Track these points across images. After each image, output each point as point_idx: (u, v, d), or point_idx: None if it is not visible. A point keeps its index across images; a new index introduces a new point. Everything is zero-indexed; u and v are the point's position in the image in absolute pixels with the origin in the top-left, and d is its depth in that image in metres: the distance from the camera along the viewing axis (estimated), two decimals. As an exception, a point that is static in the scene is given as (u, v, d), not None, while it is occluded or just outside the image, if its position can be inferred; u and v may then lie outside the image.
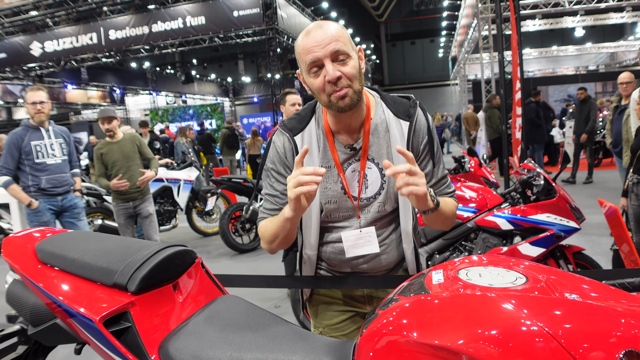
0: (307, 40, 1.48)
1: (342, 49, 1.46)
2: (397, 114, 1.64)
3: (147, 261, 1.12)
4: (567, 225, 3.53)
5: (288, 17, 16.64)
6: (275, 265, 6.08)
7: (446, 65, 37.64)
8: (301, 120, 1.68)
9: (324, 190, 1.66)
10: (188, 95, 33.06)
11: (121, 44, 16.67)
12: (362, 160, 1.63)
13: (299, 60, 1.53)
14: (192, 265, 1.26)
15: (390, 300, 1.11)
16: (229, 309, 1.21)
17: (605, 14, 19.83)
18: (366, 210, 1.68)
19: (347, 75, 1.48)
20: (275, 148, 1.67)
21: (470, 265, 1.13)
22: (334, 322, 1.88)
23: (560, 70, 30.03)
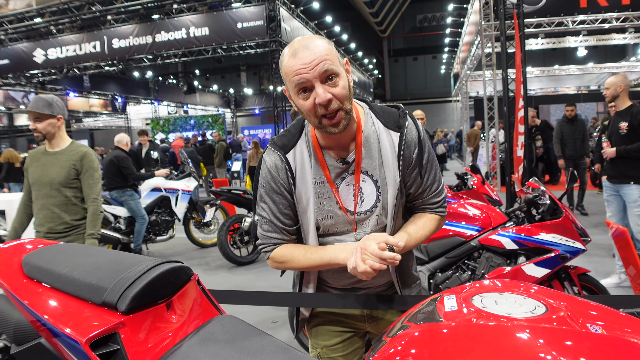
0: (294, 61, 1.42)
1: (331, 69, 1.42)
2: (387, 124, 1.61)
3: (139, 278, 1.05)
4: (573, 246, 3.45)
5: (292, 30, 16.68)
6: (273, 278, 6.00)
7: (448, 81, 37.70)
8: (291, 137, 1.65)
9: (320, 206, 1.63)
10: (190, 105, 33.10)
11: (124, 53, 16.69)
12: (356, 174, 1.60)
13: (285, 79, 1.48)
14: (188, 283, 1.19)
15: (399, 326, 1.03)
16: (225, 330, 1.13)
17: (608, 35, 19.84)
18: (364, 224, 1.65)
19: (338, 97, 1.44)
20: (267, 167, 1.63)
21: (485, 291, 1.06)
22: (332, 342, 1.83)
23: (562, 90, 30.05)
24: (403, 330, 0.99)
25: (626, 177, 4.97)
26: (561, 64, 29.73)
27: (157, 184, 7.59)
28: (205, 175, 14.64)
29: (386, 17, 39.21)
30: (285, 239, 1.68)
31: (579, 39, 19.51)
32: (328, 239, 1.68)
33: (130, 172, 7.01)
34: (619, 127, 5.01)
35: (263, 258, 7.08)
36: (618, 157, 5.00)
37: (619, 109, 5.09)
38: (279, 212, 1.64)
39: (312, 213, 1.62)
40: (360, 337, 1.87)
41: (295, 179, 1.61)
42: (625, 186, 5.00)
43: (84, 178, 3.33)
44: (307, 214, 1.63)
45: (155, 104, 31.66)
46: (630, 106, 5.04)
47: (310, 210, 1.62)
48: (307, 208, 1.62)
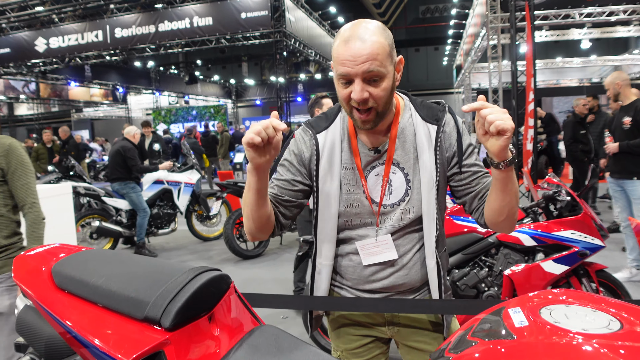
0: (343, 49, 1.37)
1: (376, 70, 1.37)
2: (425, 117, 1.57)
3: (182, 290, 0.97)
4: (592, 243, 3.39)
5: (296, 20, 16.56)
6: (280, 272, 5.94)
7: (450, 73, 37.55)
8: (327, 119, 1.63)
9: (347, 192, 1.58)
10: (191, 95, 32.99)
11: (127, 43, 16.57)
12: (386, 165, 1.56)
13: (333, 60, 1.44)
14: (227, 292, 1.12)
15: (463, 341, 0.96)
16: (269, 342, 1.06)
17: (612, 27, 19.75)
18: (388, 218, 1.59)
19: (375, 98, 1.41)
20: (296, 142, 1.62)
21: (551, 303, 0.99)
22: (353, 346, 1.76)
23: (564, 82, 29.95)
24: (471, 346, 0.92)
25: (629, 172, 4.93)
26: (564, 56, 29.57)
27: (159, 177, 7.51)
28: (208, 166, 14.55)
29: (389, 8, 38.99)
30: (276, 196, 1.59)
31: (584, 31, 19.42)
32: (349, 232, 1.62)
33: (135, 164, 6.93)
34: (622, 122, 4.96)
35: (269, 252, 7.06)
36: (621, 152, 4.94)
37: (624, 104, 5.05)
38: (290, 179, 1.59)
39: (337, 199, 1.57)
40: (383, 343, 1.79)
41: (320, 160, 1.57)
42: (628, 182, 4.96)
43: (13, 179, 2.46)
44: (330, 199, 1.57)
45: (156, 94, 31.52)
46: (635, 101, 4.98)
47: (334, 196, 1.57)
48: (330, 193, 1.57)
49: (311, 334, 1.77)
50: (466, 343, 0.95)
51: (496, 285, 3.49)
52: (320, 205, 1.60)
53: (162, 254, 7.39)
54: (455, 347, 0.97)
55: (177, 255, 7.30)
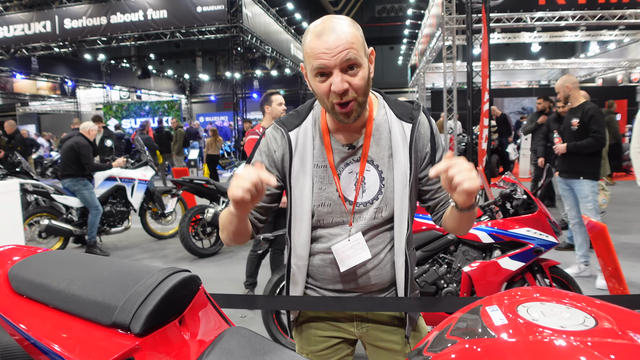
0: (317, 42, 1.35)
1: (354, 58, 1.36)
2: (400, 115, 1.56)
3: (152, 293, 0.92)
4: (547, 240, 3.49)
5: (253, 15, 16.40)
6: (236, 271, 5.86)
7: (405, 72, 38.02)
8: (298, 116, 1.60)
9: (319, 191, 1.55)
10: (143, 90, 32.23)
11: (76, 34, 16.03)
12: (361, 163, 1.54)
13: (305, 58, 1.42)
14: (197, 293, 1.07)
15: (442, 340, 0.95)
16: (241, 344, 1.02)
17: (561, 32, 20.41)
18: (361, 217, 1.57)
19: (355, 88, 1.39)
20: (266, 141, 1.59)
21: (527, 301, 0.99)
22: (318, 348, 1.73)
23: (515, 84, 30.81)
24: (451, 345, 0.91)
25: (576, 172, 5.09)
26: (514, 58, 30.42)
27: (112, 173, 7.28)
28: (162, 163, 14.24)
29: (345, 6, 39.16)
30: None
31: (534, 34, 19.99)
32: (321, 231, 1.60)
33: (88, 162, 6.71)
34: (570, 124, 5.12)
35: (225, 250, 6.95)
36: (569, 152, 5.09)
37: (573, 106, 5.20)
38: None
39: (309, 198, 1.54)
40: (350, 344, 1.77)
41: (292, 158, 1.54)
42: (575, 181, 5.12)
43: None
44: (303, 198, 1.55)
45: (107, 89, 30.64)
46: (583, 103, 5.15)
47: (307, 194, 1.54)
48: (303, 192, 1.55)
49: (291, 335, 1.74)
50: (445, 342, 0.94)
51: (455, 282, 3.54)
52: (293, 205, 1.58)
53: (115, 252, 7.18)
54: (433, 346, 0.96)
55: (130, 254, 7.11)
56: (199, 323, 1.05)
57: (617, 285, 3.45)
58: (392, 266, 1.62)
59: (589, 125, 4.99)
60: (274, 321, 3.66)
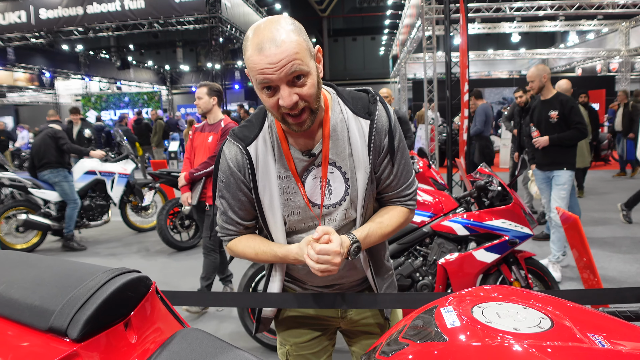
0: (259, 57, 1.27)
1: (300, 69, 1.28)
2: (356, 111, 1.51)
3: (93, 296, 0.88)
4: (522, 232, 3.50)
5: (232, 6, 16.23)
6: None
7: (386, 63, 38.02)
8: (252, 128, 1.52)
9: (286, 201, 1.54)
10: (123, 81, 31.78)
11: (52, 24, 15.74)
12: (323, 166, 1.51)
13: (248, 70, 1.34)
14: (147, 294, 1.03)
15: (394, 343, 0.93)
16: (192, 347, 0.99)
17: (540, 22, 20.55)
18: (331, 219, 1.56)
19: (305, 97, 1.33)
20: (227, 161, 1.52)
21: (483, 301, 0.97)
22: (303, 339, 1.76)
23: (495, 74, 30.97)
24: (401, 349, 0.89)
25: (558, 163, 5.08)
26: (495, 48, 30.58)
27: (92, 167, 7.17)
28: (141, 155, 14.08)
29: (326, -4, 38.96)
30: (243, 232, 1.63)
31: (514, 25, 20.10)
32: (295, 237, 1.59)
33: (65, 142, 6.63)
34: (549, 116, 5.06)
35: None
36: (550, 145, 5.05)
37: (545, 97, 5.15)
38: (237, 207, 1.57)
39: (279, 209, 1.53)
40: (331, 334, 1.82)
41: (256, 174, 1.50)
42: (555, 172, 5.11)
43: None
44: (273, 210, 1.53)
45: (86, 80, 30.15)
46: (556, 94, 5.13)
47: (276, 206, 1.53)
48: (272, 204, 1.53)
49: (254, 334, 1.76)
50: (398, 345, 0.92)
51: (430, 275, 3.54)
52: (266, 214, 1.55)
53: (95, 246, 7.10)
54: (385, 348, 0.94)
55: (110, 247, 7.02)
56: (148, 326, 1.01)
57: (592, 277, 3.47)
58: (361, 263, 1.66)
59: (569, 116, 4.97)
60: (249, 315, 3.63)
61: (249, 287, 3.61)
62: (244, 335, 3.72)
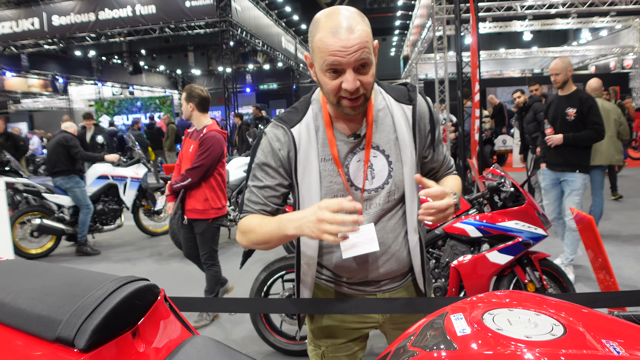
0: (333, 39, 1.34)
1: (367, 58, 1.37)
2: (398, 99, 1.60)
3: (100, 306, 0.88)
4: (535, 233, 3.46)
5: (242, 9, 16.29)
6: (229, 267, 5.81)
7: (397, 64, 37.96)
8: (297, 113, 1.59)
9: (329, 184, 1.56)
10: (135, 86, 32.05)
11: (65, 31, 15.92)
12: (366, 150, 1.55)
13: (314, 51, 1.40)
14: (155, 302, 1.03)
15: (404, 352, 0.91)
16: (200, 356, 0.99)
17: (552, 20, 20.39)
18: (373, 204, 1.58)
19: (365, 85, 1.41)
20: (268, 140, 1.57)
21: (494, 307, 0.95)
22: (341, 340, 1.72)
23: (507, 73, 30.79)
24: (410, 357, 0.87)
25: (572, 165, 4.81)
26: (507, 47, 30.40)
27: (104, 172, 7.23)
28: (154, 159, 14.17)
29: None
30: (263, 211, 1.59)
31: (525, 23, 19.97)
32: None
33: (78, 151, 6.66)
34: (566, 113, 4.78)
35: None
36: (563, 144, 4.78)
37: (564, 92, 4.87)
38: (274, 185, 1.58)
39: (318, 193, 1.54)
40: (364, 338, 1.79)
41: (297, 154, 1.54)
42: (569, 174, 4.87)
43: None
44: (312, 194, 1.55)
45: (98, 85, 30.45)
46: (576, 91, 4.85)
47: (315, 189, 1.54)
48: (311, 187, 1.55)
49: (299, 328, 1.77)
50: (407, 353, 0.90)
51: (443, 277, 3.51)
52: (301, 201, 1.57)
53: (108, 250, 7.15)
54: (395, 357, 0.92)
55: (123, 251, 7.07)
56: (156, 334, 1.01)
57: (607, 277, 3.43)
58: (407, 251, 1.65)
59: (587, 116, 4.69)
60: (262, 319, 3.63)
61: (260, 291, 3.61)
62: (256, 339, 3.71)
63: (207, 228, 4.20)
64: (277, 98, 33.46)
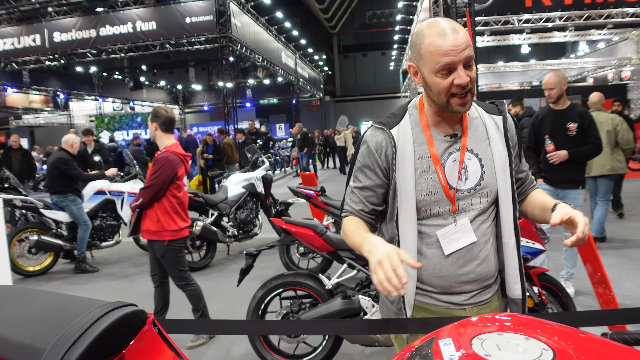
0: (443, 41, 1.48)
1: (472, 55, 1.51)
2: (489, 111, 1.72)
3: (85, 334, 0.87)
4: (533, 247, 3.44)
5: (242, 25, 16.40)
6: (228, 284, 5.79)
7: (397, 77, 38.14)
8: (395, 117, 1.72)
9: (425, 181, 1.63)
10: (136, 102, 32.17)
11: (66, 47, 16.03)
12: (461, 152, 1.64)
13: (425, 56, 1.53)
14: (142, 328, 1.02)
15: (391, 379, 0.90)
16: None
17: (550, 33, 20.51)
18: (466, 204, 1.64)
19: (472, 80, 1.52)
20: (367, 144, 1.69)
21: (483, 332, 0.94)
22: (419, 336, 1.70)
23: (506, 86, 30.92)
24: (398, 385, 0.86)
25: (575, 181, 4.74)
26: (505, 60, 30.55)
27: (102, 187, 7.23)
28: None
29: (336, 14, 39.28)
30: (362, 211, 1.71)
31: (523, 36, 20.08)
32: (427, 221, 1.64)
33: (77, 174, 6.64)
34: (567, 128, 4.68)
35: (215, 263, 6.88)
36: (568, 160, 4.66)
37: (559, 107, 4.77)
38: (371, 186, 1.69)
39: (413, 190, 1.61)
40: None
41: (396, 152, 1.63)
42: (572, 191, 4.77)
43: None
44: (407, 192, 1.62)
45: (99, 100, 30.57)
46: (573, 105, 4.78)
47: (411, 186, 1.62)
48: (406, 184, 1.62)
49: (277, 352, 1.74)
50: (395, 380, 0.89)
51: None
52: (399, 196, 1.64)
53: (107, 267, 7.12)
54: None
55: (122, 267, 7.04)
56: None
57: (606, 292, 3.42)
58: (495, 257, 1.69)
59: (588, 130, 4.63)
60: (260, 338, 3.60)
61: (258, 310, 3.59)
62: (254, 357, 3.69)
63: (165, 251, 4.13)
64: (277, 113, 33.57)
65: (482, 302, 1.70)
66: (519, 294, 1.70)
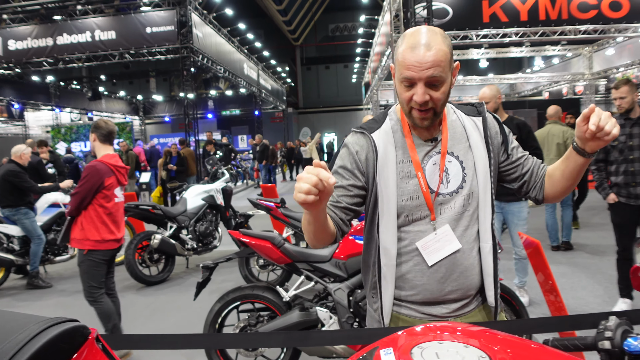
0: (410, 55, 1.49)
1: (438, 76, 1.49)
2: (468, 113, 1.73)
3: (20, 351, 0.85)
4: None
5: (204, 36, 16.31)
6: (186, 298, 5.71)
7: (359, 90, 38.49)
8: (376, 122, 1.73)
9: (406, 185, 1.62)
10: (95, 112, 31.47)
11: (22, 56, 15.62)
12: (442, 155, 1.64)
13: (397, 63, 1.55)
14: (84, 345, 1.00)
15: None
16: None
17: (507, 48, 21.10)
18: (447, 207, 1.62)
19: (434, 100, 1.52)
20: (347, 147, 1.69)
21: (423, 341, 0.96)
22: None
23: (465, 99, 31.60)
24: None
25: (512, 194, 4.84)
26: (464, 74, 31.21)
27: (56, 200, 7.04)
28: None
29: (299, 26, 39.50)
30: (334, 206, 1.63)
31: (481, 51, 20.59)
32: (407, 228, 1.63)
33: (30, 186, 6.43)
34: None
35: (174, 277, 6.78)
36: None
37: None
38: (346, 185, 1.65)
39: (395, 194, 1.60)
40: None
41: (377, 157, 1.63)
42: (515, 204, 4.87)
43: None
44: (388, 196, 1.61)
45: (56, 111, 29.79)
46: (510, 118, 4.91)
47: (392, 190, 1.61)
48: (388, 187, 1.61)
49: None
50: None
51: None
52: (379, 201, 1.62)
53: (60, 282, 6.92)
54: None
55: (76, 283, 6.83)
56: (84, 378, 0.98)
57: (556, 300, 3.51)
58: (479, 265, 1.64)
59: (527, 141, 4.73)
60: (217, 353, 3.56)
61: (215, 323, 3.55)
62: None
63: (82, 260, 4.16)
64: (240, 124, 33.40)
65: (465, 314, 1.66)
66: (492, 301, 1.67)
